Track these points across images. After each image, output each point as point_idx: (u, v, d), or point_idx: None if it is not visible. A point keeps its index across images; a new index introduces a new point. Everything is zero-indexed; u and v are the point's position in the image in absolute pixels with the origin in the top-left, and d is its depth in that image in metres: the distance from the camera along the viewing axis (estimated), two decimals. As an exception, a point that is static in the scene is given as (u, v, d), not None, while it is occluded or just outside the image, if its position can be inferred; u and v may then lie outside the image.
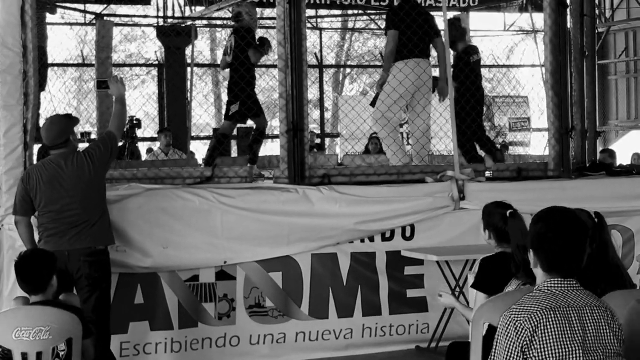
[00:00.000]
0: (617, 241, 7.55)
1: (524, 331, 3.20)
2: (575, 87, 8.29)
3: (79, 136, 11.00)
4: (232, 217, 6.79)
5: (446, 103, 8.23)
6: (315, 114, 23.28)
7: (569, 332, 3.21)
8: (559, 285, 3.31)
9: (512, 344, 3.21)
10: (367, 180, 7.42)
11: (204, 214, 6.74)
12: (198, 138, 21.22)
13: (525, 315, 3.22)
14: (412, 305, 7.28)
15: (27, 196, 5.92)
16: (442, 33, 8.27)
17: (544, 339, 3.19)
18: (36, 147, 7.38)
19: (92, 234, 5.86)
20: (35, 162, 6.71)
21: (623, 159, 13.07)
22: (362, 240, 7.15)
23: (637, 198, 7.73)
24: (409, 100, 8.50)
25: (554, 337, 3.20)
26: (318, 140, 18.61)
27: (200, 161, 12.54)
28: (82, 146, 6.39)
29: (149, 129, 20.49)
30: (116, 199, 6.39)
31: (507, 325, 3.24)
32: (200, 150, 19.12)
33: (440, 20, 9.03)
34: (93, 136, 10.10)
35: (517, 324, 3.22)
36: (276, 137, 14.82)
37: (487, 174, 7.88)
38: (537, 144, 20.73)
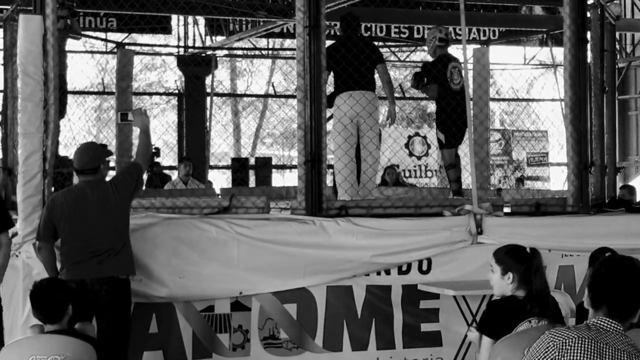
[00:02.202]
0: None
1: (555, 347, 3.30)
2: (594, 122, 8.27)
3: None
4: (248, 247, 6.77)
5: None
6: (332, 144, 23.28)
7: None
8: (602, 322, 3.36)
9: (540, 354, 3.33)
10: (384, 212, 7.40)
11: (220, 244, 6.73)
12: (216, 167, 21.28)
13: (562, 335, 3.32)
14: (426, 339, 7.22)
15: (51, 222, 5.95)
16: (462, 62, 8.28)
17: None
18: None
19: (114, 263, 5.87)
20: (52, 190, 6.73)
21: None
22: (378, 273, 7.11)
23: (656, 235, 7.66)
24: (355, 133, 8.52)
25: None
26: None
27: (218, 191, 12.56)
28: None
29: (168, 157, 20.57)
30: (133, 228, 6.39)
31: (542, 340, 3.37)
32: (218, 179, 19.18)
33: (457, 52, 9.06)
34: (112, 164, 10.12)
35: (550, 341, 3.34)
36: (294, 167, 14.83)
37: (506, 208, 7.84)
38: (556, 179, 20.67)
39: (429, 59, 9.87)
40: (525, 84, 26.49)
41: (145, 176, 11.90)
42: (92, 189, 5.90)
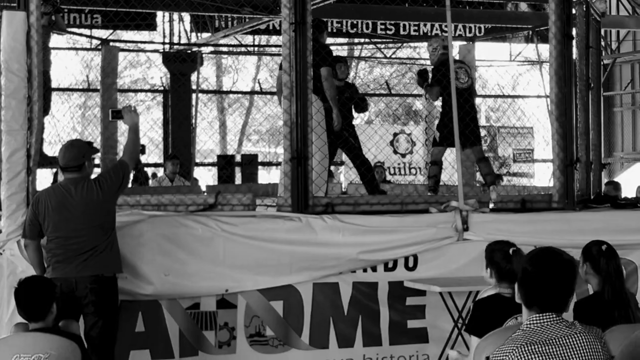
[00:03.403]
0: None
1: None
2: (580, 119, 8.28)
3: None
4: (234, 245, 6.75)
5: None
6: (319, 141, 23.26)
7: None
8: (537, 321, 3.38)
9: None
10: (370, 209, 7.39)
11: (206, 241, 6.71)
12: (202, 164, 21.25)
13: (504, 356, 3.32)
14: (412, 336, 7.22)
15: (36, 220, 5.93)
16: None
17: None
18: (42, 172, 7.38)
19: (99, 261, 5.84)
20: (37, 187, 6.70)
21: (628, 191, 13.03)
22: (365, 270, 7.11)
23: (641, 231, 7.69)
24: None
25: None
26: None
27: (203, 188, 12.54)
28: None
29: (153, 154, 20.53)
30: (118, 225, 6.35)
31: None
32: (203, 176, 19.15)
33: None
34: (97, 161, 10.07)
35: None
36: (280, 164, 14.84)
37: (491, 205, 7.85)
38: (542, 175, 20.73)
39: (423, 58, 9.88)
40: (511, 81, 26.57)
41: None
42: (76, 186, 5.86)
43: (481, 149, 9.55)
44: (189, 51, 18.79)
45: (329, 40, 21.10)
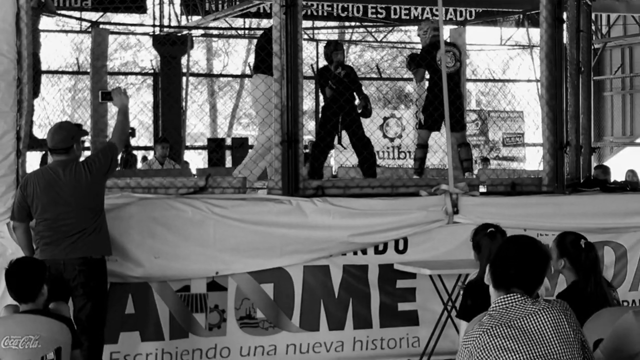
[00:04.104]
0: (610, 258, 7.56)
1: (472, 357, 3.35)
2: (570, 103, 8.29)
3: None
4: (224, 227, 6.76)
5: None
6: (310, 124, 23.28)
7: (514, 346, 3.32)
8: (503, 302, 3.43)
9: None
10: (360, 192, 7.40)
11: (196, 224, 6.71)
12: (192, 148, 21.21)
13: (472, 342, 3.37)
14: (403, 318, 7.25)
15: (25, 202, 5.92)
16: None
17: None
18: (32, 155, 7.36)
19: (87, 243, 5.83)
20: (27, 169, 6.68)
21: (617, 175, 13.06)
22: (355, 253, 7.13)
23: (630, 215, 7.72)
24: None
25: (501, 357, 3.31)
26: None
27: (194, 171, 12.52)
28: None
29: (143, 137, 20.49)
30: (108, 208, 6.34)
31: (460, 354, 3.44)
32: (194, 160, 19.13)
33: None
34: (87, 144, 10.04)
35: (465, 351, 3.39)
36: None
37: (482, 188, 7.87)
38: (532, 159, 20.77)
39: (413, 40, 9.89)
40: (502, 65, 26.57)
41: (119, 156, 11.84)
42: (64, 169, 5.84)
43: (464, 135, 9.54)
44: (180, 34, 18.73)
45: (320, 24, 21.10)
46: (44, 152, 7.64)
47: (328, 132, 9.13)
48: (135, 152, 16.87)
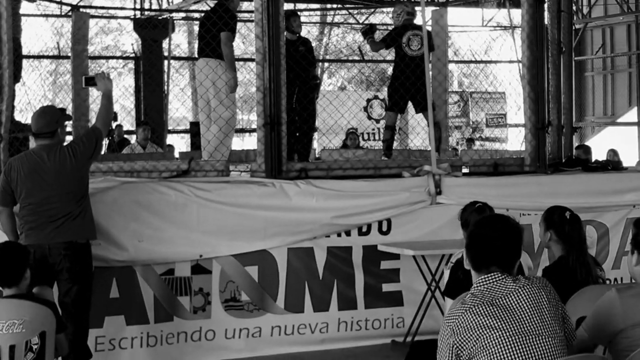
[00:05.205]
0: (592, 236, 7.60)
1: (454, 335, 3.39)
2: (551, 83, 8.33)
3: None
4: (208, 210, 6.76)
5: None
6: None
7: (496, 323, 3.36)
8: (484, 282, 3.47)
9: (447, 350, 3.42)
10: (344, 174, 7.42)
11: (180, 207, 6.70)
12: (175, 132, 21.14)
13: (454, 320, 3.41)
14: (387, 299, 7.29)
15: (8, 187, 5.89)
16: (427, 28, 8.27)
17: (473, 339, 3.36)
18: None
19: (72, 227, 5.82)
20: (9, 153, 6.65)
21: (599, 154, 13.12)
22: (339, 235, 7.15)
23: (612, 194, 7.78)
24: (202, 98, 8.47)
25: (483, 335, 3.36)
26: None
27: (177, 154, 12.49)
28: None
29: (125, 121, 20.40)
30: (91, 192, 6.32)
31: (442, 332, 3.46)
32: (176, 143, 19.07)
33: (418, 16, 9.05)
34: (68, 128, 9.97)
35: (447, 329, 3.43)
36: (253, 130, 14.78)
37: (464, 168, 7.90)
38: (514, 140, 20.82)
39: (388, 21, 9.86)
40: (483, 46, 26.57)
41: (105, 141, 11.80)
42: (48, 153, 5.83)
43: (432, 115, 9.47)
44: (161, 17, 18.64)
45: (302, 6, 21.03)
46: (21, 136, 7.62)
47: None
48: (125, 136, 16.78)
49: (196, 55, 8.68)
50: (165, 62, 16.49)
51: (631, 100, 23.30)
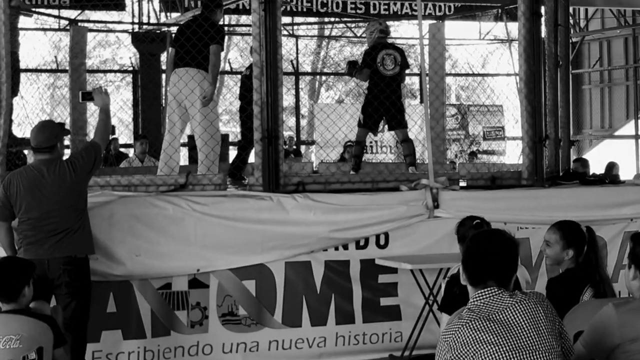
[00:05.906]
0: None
1: (451, 351, 3.39)
2: (549, 96, 8.33)
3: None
4: (205, 224, 6.75)
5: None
6: (290, 121, 23.29)
7: (493, 338, 3.36)
8: (481, 296, 3.47)
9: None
10: (341, 188, 7.41)
11: (177, 221, 6.70)
12: (173, 145, 21.06)
13: (451, 335, 3.41)
14: (385, 313, 7.27)
15: (7, 202, 5.88)
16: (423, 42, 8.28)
17: (470, 354, 3.36)
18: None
19: (71, 242, 5.82)
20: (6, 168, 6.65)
21: (596, 168, 13.13)
22: (336, 248, 7.14)
23: (609, 207, 7.77)
24: (179, 109, 8.43)
25: (480, 350, 3.35)
26: (295, 146, 18.61)
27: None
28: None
29: (123, 135, 20.40)
30: (89, 206, 6.33)
31: (439, 347, 3.46)
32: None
33: (413, 28, 9.05)
34: (66, 142, 9.96)
35: (444, 344, 3.43)
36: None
37: (462, 182, 7.90)
38: (512, 153, 20.82)
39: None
40: (481, 59, 26.63)
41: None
42: (48, 168, 5.83)
43: (405, 132, 9.44)
44: (159, 31, 18.65)
45: (299, 20, 21.10)
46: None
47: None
48: (122, 149, 16.79)
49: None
50: (163, 75, 16.49)
51: (628, 113, 23.34)
